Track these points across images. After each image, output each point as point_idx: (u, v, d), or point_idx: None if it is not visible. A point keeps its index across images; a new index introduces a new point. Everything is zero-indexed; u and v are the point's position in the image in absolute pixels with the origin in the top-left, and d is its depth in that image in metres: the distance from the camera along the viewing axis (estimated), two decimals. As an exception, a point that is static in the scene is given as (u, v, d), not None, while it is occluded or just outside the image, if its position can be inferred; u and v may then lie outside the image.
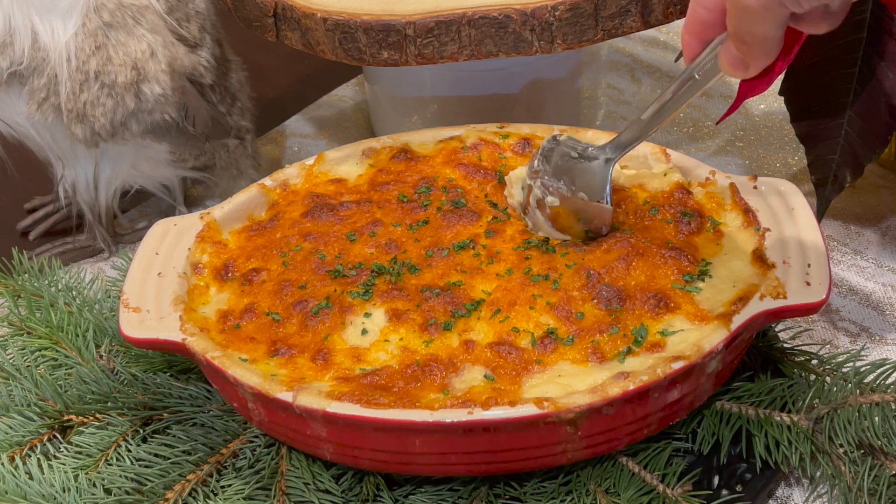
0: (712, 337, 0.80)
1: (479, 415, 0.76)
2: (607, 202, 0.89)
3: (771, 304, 0.81)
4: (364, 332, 0.85)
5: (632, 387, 0.77)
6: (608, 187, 0.89)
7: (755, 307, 0.81)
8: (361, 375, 0.81)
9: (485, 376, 0.81)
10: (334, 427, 0.79)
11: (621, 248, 0.88)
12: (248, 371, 0.81)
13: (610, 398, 0.77)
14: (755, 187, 0.92)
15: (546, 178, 0.90)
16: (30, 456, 0.87)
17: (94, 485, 0.84)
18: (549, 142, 0.92)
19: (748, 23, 0.69)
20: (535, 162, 0.91)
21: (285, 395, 0.79)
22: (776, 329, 0.94)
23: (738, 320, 0.81)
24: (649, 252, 0.87)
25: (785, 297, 0.82)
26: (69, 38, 0.97)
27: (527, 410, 0.76)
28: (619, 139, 0.90)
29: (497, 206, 0.95)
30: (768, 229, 0.88)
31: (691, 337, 0.81)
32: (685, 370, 0.78)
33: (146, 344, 0.85)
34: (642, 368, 0.79)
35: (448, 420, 0.76)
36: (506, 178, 0.96)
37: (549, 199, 0.89)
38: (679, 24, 1.39)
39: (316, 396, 0.78)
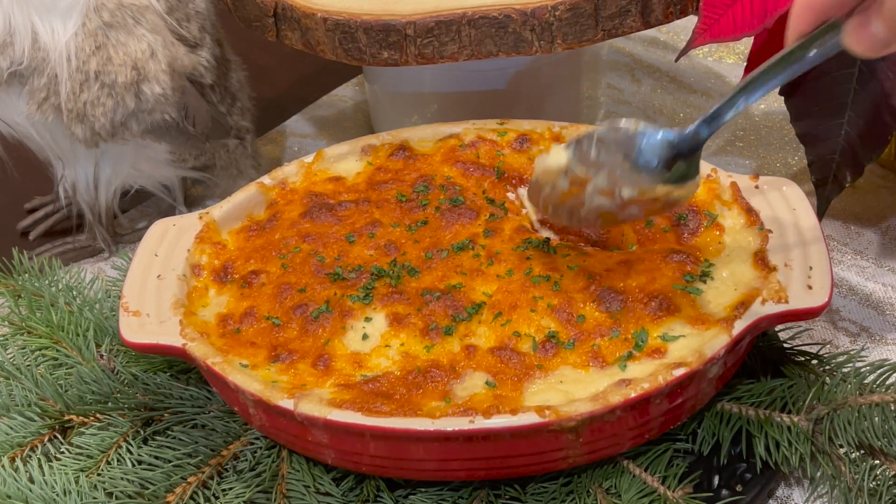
0: (714, 343, 0.79)
1: (481, 423, 0.76)
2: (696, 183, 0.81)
3: (773, 308, 0.81)
4: (365, 336, 0.85)
5: (633, 394, 0.77)
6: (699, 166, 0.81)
7: (757, 312, 0.81)
8: (363, 382, 0.81)
9: (486, 383, 0.81)
10: (335, 434, 0.79)
11: (623, 254, 0.88)
12: (248, 378, 0.81)
13: (611, 406, 0.76)
14: (756, 186, 0.92)
15: (618, 171, 0.82)
16: (30, 457, 0.87)
17: (96, 487, 0.84)
18: (609, 131, 0.82)
19: None
20: (593, 152, 0.83)
21: (286, 403, 0.79)
22: (776, 329, 0.94)
23: (740, 326, 0.80)
24: (651, 256, 0.87)
25: (787, 302, 0.81)
26: (69, 37, 0.97)
27: (528, 419, 0.76)
28: (718, 111, 0.78)
29: (494, 203, 0.95)
30: (770, 231, 0.88)
31: (693, 342, 0.81)
32: (687, 377, 0.78)
33: (146, 349, 0.85)
34: (644, 375, 0.78)
35: (449, 429, 0.76)
36: (535, 164, 0.87)
37: (626, 191, 0.83)
38: (679, 24, 1.38)
39: (317, 404, 0.78)
